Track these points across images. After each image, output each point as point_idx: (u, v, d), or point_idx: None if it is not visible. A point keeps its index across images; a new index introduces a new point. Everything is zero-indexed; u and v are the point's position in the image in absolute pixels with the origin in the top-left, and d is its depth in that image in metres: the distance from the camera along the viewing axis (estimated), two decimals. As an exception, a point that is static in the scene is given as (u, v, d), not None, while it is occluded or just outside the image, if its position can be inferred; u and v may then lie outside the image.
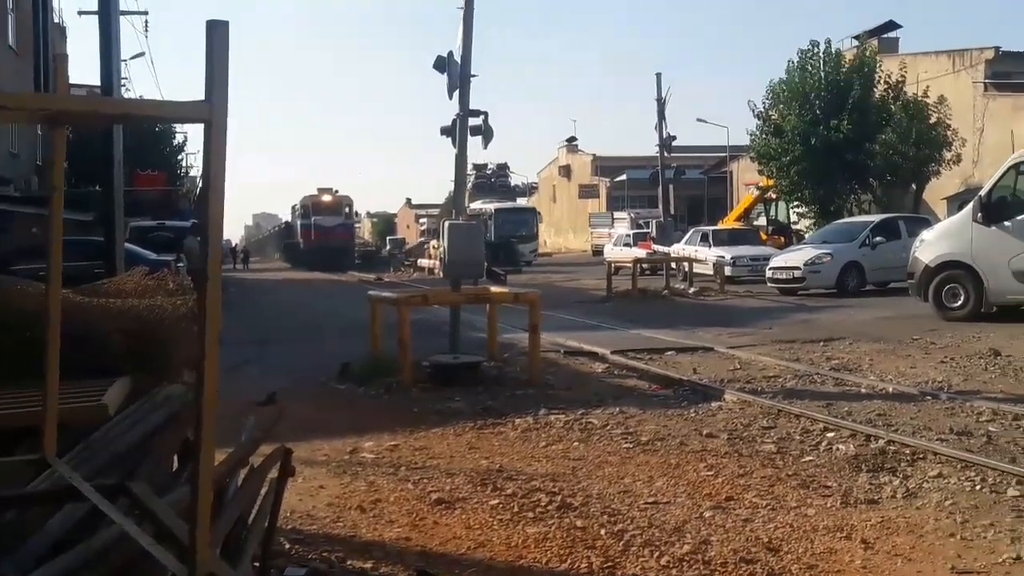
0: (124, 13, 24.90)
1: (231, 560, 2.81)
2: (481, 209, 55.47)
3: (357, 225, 76.80)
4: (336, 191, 56.47)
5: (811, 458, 7.26)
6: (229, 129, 2.06)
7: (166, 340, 4.50)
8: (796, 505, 6.03)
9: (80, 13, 37.48)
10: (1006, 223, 15.48)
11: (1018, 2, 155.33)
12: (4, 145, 31.39)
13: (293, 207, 65.19)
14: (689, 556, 5.07)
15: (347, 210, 56.62)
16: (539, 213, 61.97)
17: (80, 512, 2.65)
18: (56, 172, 3.03)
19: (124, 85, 37.34)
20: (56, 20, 37.70)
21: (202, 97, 2.02)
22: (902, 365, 11.68)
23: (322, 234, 52.43)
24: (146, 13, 49.95)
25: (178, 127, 43.66)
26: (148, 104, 3.30)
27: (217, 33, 1.96)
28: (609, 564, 5.01)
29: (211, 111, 1.97)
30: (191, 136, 53.18)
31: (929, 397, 9.57)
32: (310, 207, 54.32)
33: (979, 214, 15.87)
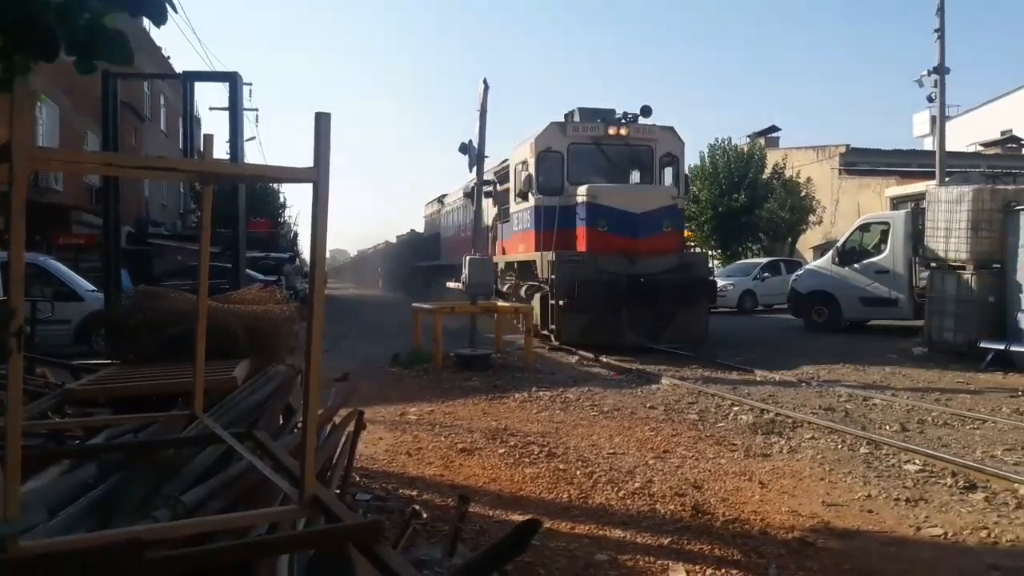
0: (245, 110, 24.79)
1: (323, 487, 2.77)
2: None
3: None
4: None
5: (723, 424, 7.22)
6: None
7: (274, 334, 4.50)
8: (713, 456, 5.99)
9: (211, 108, 37.75)
10: (855, 265, 15.70)
11: (862, 114, 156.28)
12: (157, 199, 31.54)
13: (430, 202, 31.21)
14: (639, 490, 5.03)
15: None
16: None
17: (219, 451, 2.64)
18: (205, 216, 2.98)
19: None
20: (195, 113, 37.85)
21: (305, 164, 2.03)
22: (785, 361, 11.62)
23: None
24: (257, 109, 50.85)
25: (280, 188, 43.43)
26: (275, 168, 3.27)
27: (323, 121, 1.99)
28: (583, 495, 4.96)
29: (317, 174, 1.97)
30: (289, 195, 52.69)
31: (804, 384, 9.55)
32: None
33: (836, 259, 16.16)
